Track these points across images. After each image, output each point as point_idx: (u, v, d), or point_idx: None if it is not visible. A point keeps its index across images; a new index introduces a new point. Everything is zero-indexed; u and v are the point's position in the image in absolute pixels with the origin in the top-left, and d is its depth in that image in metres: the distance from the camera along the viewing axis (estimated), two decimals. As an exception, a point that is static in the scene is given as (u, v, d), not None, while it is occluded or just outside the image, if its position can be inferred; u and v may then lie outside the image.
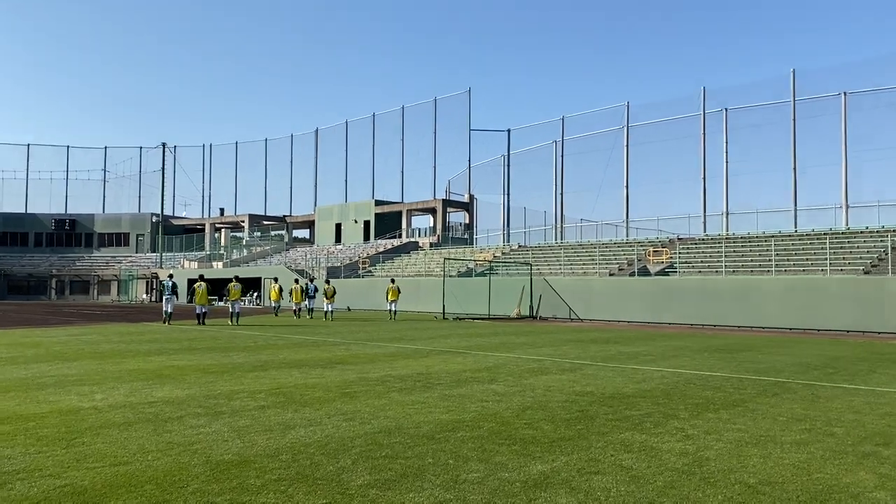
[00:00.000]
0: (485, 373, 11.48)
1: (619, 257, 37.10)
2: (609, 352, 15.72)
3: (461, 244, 54.35)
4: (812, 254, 30.13)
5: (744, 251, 33.13)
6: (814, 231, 33.97)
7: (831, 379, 11.09)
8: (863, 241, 30.50)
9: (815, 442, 6.41)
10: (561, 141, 53.15)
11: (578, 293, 33.02)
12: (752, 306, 27.04)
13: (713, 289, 28.58)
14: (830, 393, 9.52)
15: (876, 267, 27.19)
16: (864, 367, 12.85)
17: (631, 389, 9.73)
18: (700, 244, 36.45)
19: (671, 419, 7.52)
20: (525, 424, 7.17)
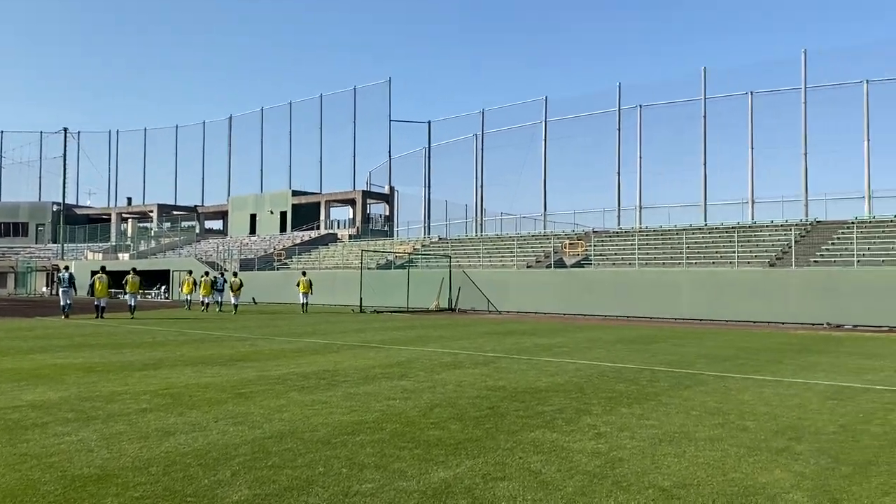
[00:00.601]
0: (396, 368, 10.96)
1: (537, 250, 37.27)
2: (524, 344, 15.48)
3: (381, 236, 53.65)
4: (721, 247, 30.98)
5: (656, 244, 33.80)
6: (722, 225, 35.01)
7: (741, 370, 11.11)
8: (768, 235, 31.59)
9: (729, 437, 6.18)
10: (481, 134, 53.15)
11: (497, 285, 32.93)
12: (664, 298, 27.53)
13: (627, 281, 28.97)
14: (741, 384, 9.47)
15: (780, 259, 28.15)
16: (771, 358, 13.02)
17: (544, 383, 9.41)
18: (614, 237, 37.01)
19: (584, 415, 7.20)
20: (431, 424, 6.69)
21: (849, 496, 4.51)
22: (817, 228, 31.50)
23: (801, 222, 32.77)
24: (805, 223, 32.54)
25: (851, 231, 28.46)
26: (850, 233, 28.32)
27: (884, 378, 10.23)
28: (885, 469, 5.16)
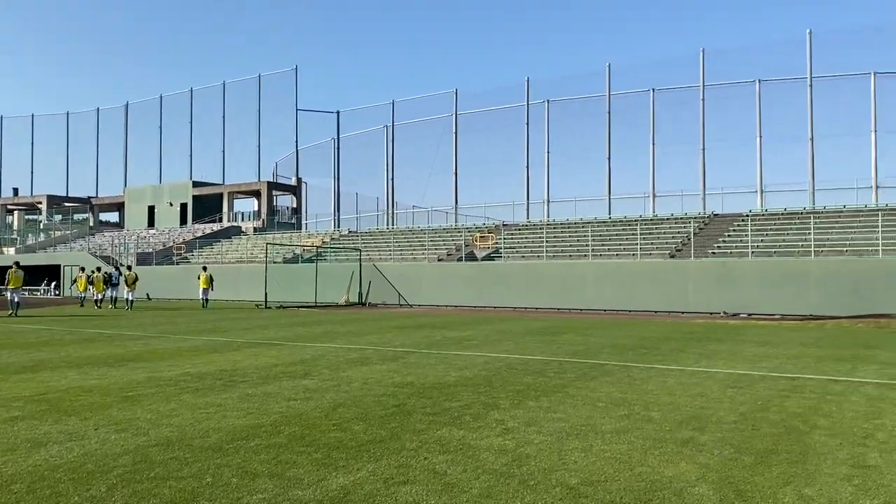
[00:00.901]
0: (299, 366, 10.52)
1: (448, 243, 37.26)
2: (434, 338, 15.30)
3: (288, 229, 52.40)
4: (625, 239, 31.83)
5: (564, 237, 34.41)
6: (626, 218, 36.00)
7: (645, 359, 11.28)
8: (668, 228, 32.69)
9: (634, 429, 6.15)
10: (392, 126, 52.66)
11: (408, 279, 32.69)
12: (571, 289, 28.03)
13: (536, 273, 29.33)
14: (645, 374, 9.57)
15: (680, 251, 29.17)
16: (674, 347, 13.33)
17: (453, 378, 9.22)
18: (524, 230, 37.46)
19: (492, 410, 7.03)
20: (333, 426, 6.35)
21: (752, 487, 4.50)
22: (714, 221, 32.85)
23: (699, 215, 34.09)
24: (703, 216, 33.87)
25: (746, 224, 29.80)
26: (745, 225, 29.66)
27: (777, 365, 10.60)
28: (785, 457, 5.21)
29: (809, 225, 27.19)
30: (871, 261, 23.50)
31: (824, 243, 26.29)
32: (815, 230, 26.75)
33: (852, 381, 8.94)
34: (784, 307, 23.77)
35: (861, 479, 4.68)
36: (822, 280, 23.63)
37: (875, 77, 35.74)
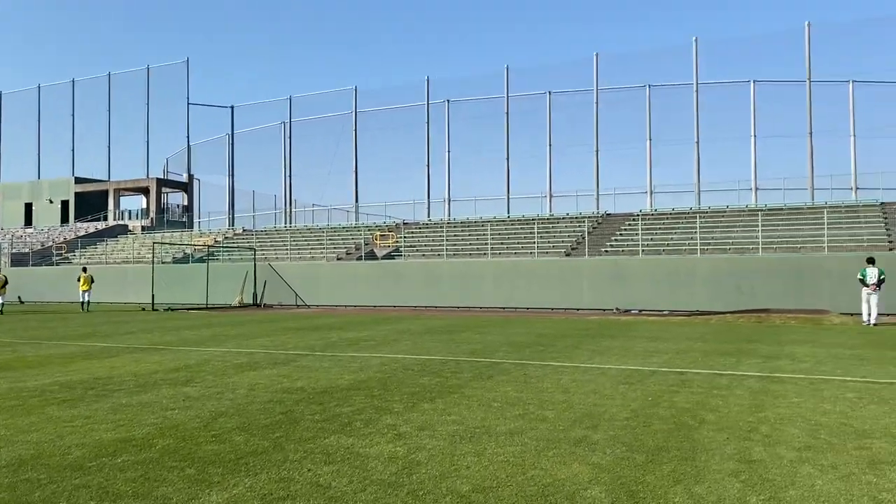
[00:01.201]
0: (182, 373, 9.88)
1: (348, 242, 36.68)
2: (330, 339, 14.86)
3: (179, 228, 50.19)
4: (522, 238, 32.28)
5: (463, 236, 34.55)
6: (524, 217, 36.54)
7: (541, 357, 11.31)
8: (564, 227, 33.42)
9: (528, 430, 6.03)
10: (289, 122, 51.37)
11: (305, 279, 31.91)
12: (470, 288, 28.13)
13: (435, 271, 29.28)
14: (541, 372, 9.56)
15: (575, 249, 29.85)
16: (569, 343, 13.48)
17: (346, 381, 8.88)
18: (424, 229, 37.36)
19: (385, 414, 6.76)
20: (212, 437, 5.90)
21: (644, 487, 4.44)
22: (607, 220, 33.85)
23: (593, 215, 35.04)
24: (597, 216, 34.84)
25: (636, 223, 30.84)
26: (636, 225, 30.69)
27: (667, 360, 10.86)
28: (675, 454, 5.21)
29: (695, 224, 28.42)
30: (752, 258, 24.78)
31: (709, 242, 27.55)
32: (701, 229, 27.98)
33: (736, 375, 9.23)
34: (672, 303, 24.71)
35: (748, 474, 4.72)
36: (707, 277, 24.72)
37: (754, 85, 37.82)
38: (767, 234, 26.64)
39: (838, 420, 6.36)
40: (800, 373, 9.42)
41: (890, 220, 26.41)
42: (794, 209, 30.48)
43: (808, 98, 35.61)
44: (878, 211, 28.28)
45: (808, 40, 35.32)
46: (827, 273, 23.09)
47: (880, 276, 18.98)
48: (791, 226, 27.98)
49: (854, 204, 30.36)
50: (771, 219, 28.53)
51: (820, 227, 26.14)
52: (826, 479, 4.57)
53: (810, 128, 35.37)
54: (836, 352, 11.94)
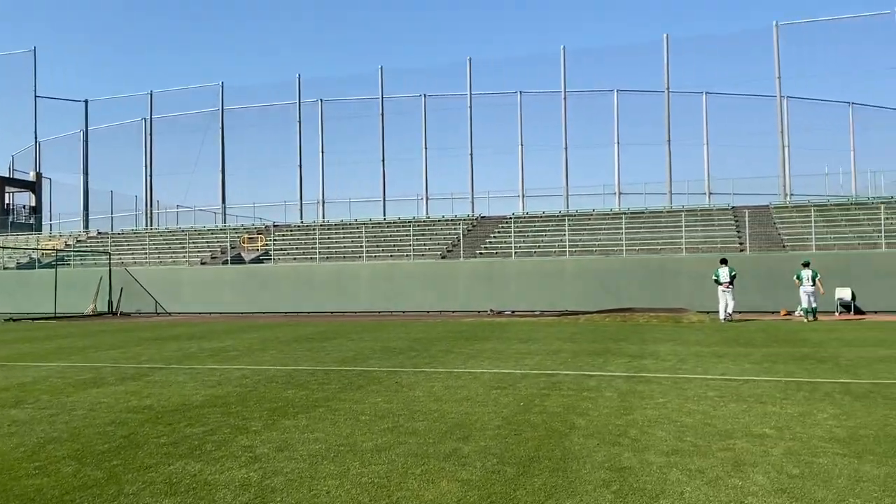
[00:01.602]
0: (12, 392, 8.78)
1: (213, 245, 34.99)
2: (189, 349, 13.88)
3: (25, 230, 46.16)
4: (399, 240, 32.00)
5: (338, 238, 33.84)
6: (400, 219, 36.29)
7: (414, 363, 11.01)
8: (440, 229, 33.45)
9: (397, 445, 5.68)
10: (150, 118, 48.48)
11: (166, 284, 30.09)
12: (345, 292, 27.52)
13: (308, 276, 28.43)
14: (413, 379, 9.24)
15: (451, 252, 29.92)
16: (443, 347, 13.26)
17: (202, 397, 8.18)
18: (295, 231, 36.29)
19: (241, 434, 6.19)
20: (36, 469, 5.14)
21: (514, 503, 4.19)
22: (482, 223, 34.22)
23: (468, 217, 35.32)
24: (472, 218, 35.14)
25: (509, 225, 31.34)
26: (509, 227, 31.17)
27: (538, 362, 10.85)
28: (547, 465, 5.02)
29: (564, 227, 29.21)
30: (616, 259, 25.74)
31: (577, 244, 28.40)
32: (570, 232, 28.80)
33: (605, 376, 9.31)
34: (544, 303, 25.24)
35: (619, 483, 4.58)
36: (575, 278, 25.43)
37: (617, 94, 39.51)
38: (630, 237, 27.79)
39: (702, 420, 6.44)
40: (664, 371, 9.64)
41: (740, 223, 28.27)
42: (654, 213, 32.03)
43: (667, 107, 37.60)
44: (730, 214, 30.24)
45: (667, 52, 37.30)
46: (685, 273, 24.36)
47: (731, 274, 20.35)
48: (652, 228, 29.36)
49: (708, 208, 32.31)
50: (633, 222, 29.82)
51: (678, 230, 27.56)
52: (694, 486, 4.51)
53: (668, 136, 37.37)
54: (696, 350, 12.42)
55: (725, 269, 20.62)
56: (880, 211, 25.90)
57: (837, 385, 8.30)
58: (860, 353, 11.59)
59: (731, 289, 20.35)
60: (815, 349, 12.24)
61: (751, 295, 23.16)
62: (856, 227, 26.69)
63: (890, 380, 8.65)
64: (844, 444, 5.45)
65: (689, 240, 26.68)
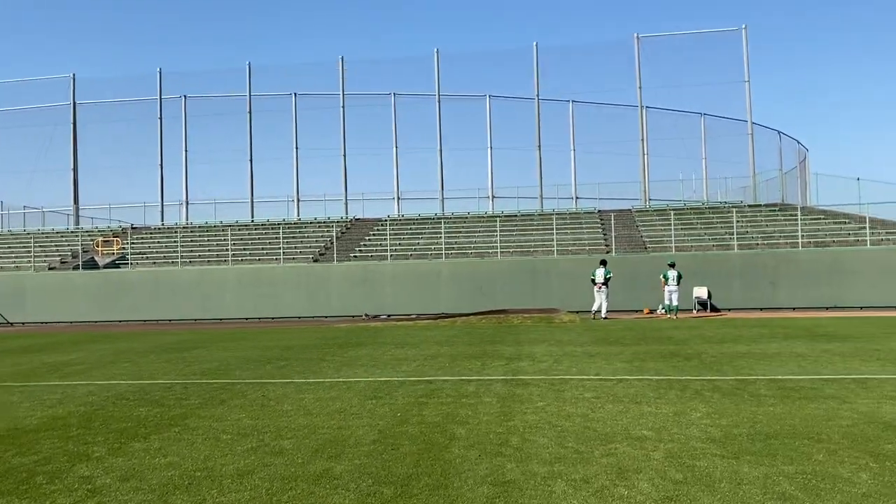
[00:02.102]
0: None
1: (63, 248, 32.25)
2: (30, 364, 12.48)
3: None
4: (268, 244, 30.80)
5: (202, 241, 32.13)
6: (269, 222, 34.98)
7: (283, 373, 10.36)
8: (312, 232, 32.53)
9: (261, 468, 5.13)
10: (-11, 111, 44.08)
11: (8, 292, 27.35)
12: (209, 298, 26.11)
13: (169, 281, 26.75)
14: (282, 391, 8.63)
15: (323, 255, 29.11)
16: (315, 355, 12.65)
17: (37, 419, 7.21)
18: (156, 234, 34.15)
19: (81, 462, 5.42)
20: None
21: (393, 533, 3.79)
22: (356, 225, 33.60)
23: (342, 219, 34.58)
24: (346, 220, 34.44)
25: (385, 228, 30.94)
26: (384, 229, 30.77)
27: (415, 368, 10.51)
28: (427, 482, 4.66)
29: (440, 230, 29.18)
30: (491, 262, 25.97)
31: (453, 246, 28.44)
32: (446, 234, 28.79)
33: (483, 380, 9.11)
34: (420, 306, 25.03)
35: (503, 499, 4.30)
36: (451, 280, 25.42)
37: (490, 99, 40.05)
38: (504, 239, 28.16)
39: (582, 424, 6.32)
40: (541, 373, 9.57)
41: (606, 226, 29.35)
42: (526, 216, 32.68)
43: (537, 114, 38.52)
44: (597, 218, 31.35)
45: (537, 60, 38.22)
46: (556, 274, 24.94)
47: (607, 276, 21.49)
48: (524, 231, 29.92)
49: (577, 212, 33.37)
50: (507, 225, 30.27)
51: (549, 233, 28.23)
52: (580, 497, 4.30)
53: (539, 141, 38.30)
54: (570, 349, 12.53)
55: (602, 269, 21.68)
56: (732, 215, 27.69)
57: (706, 382, 8.51)
58: (721, 349, 12.10)
59: (604, 289, 21.22)
60: (680, 346, 12.68)
61: (616, 294, 24.02)
62: (710, 229, 28.38)
63: (752, 376, 8.99)
64: (721, 445, 5.46)
65: (560, 242, 27.38)
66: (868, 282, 22.93)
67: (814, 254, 23.91)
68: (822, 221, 27.33)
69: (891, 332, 14.53)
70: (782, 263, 23.71)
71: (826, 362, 10.11)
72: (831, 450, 5.24)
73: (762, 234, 26.97)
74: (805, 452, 5.18)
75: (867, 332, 14.81)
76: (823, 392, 7.63)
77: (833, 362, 10.11)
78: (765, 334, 14.83)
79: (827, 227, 26.81)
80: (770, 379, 8.67)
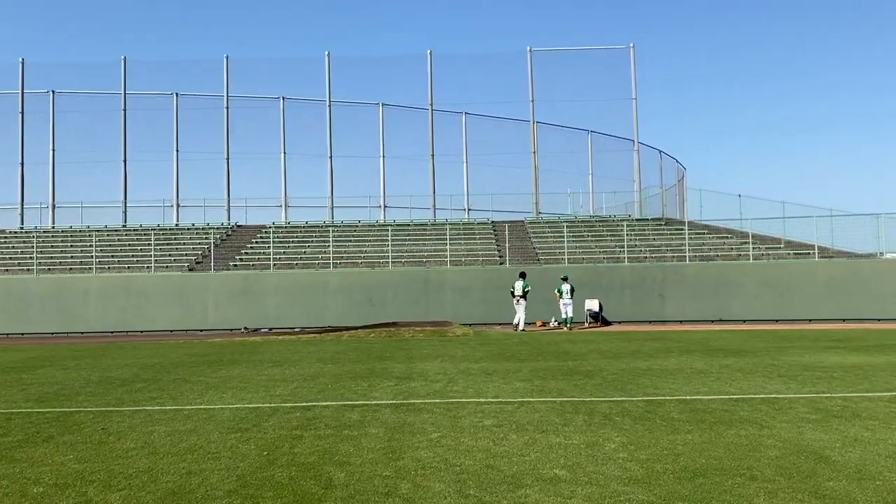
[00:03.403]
0: None
1: None
2: None
3: None
4: (139, 250, 28.39)
5: (64, 247, 29.25)
6: (141, 227, 32.40)
7: (135, 398, 8.88)
8: (188, 239, 30.33)
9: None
10: None
11: None
12: (68, 310, 23.60)
13: (22, 291, 23.99)
14: (127, 423, 7.22)
15: (200, 263, 27.08)
16: (178, 376, 11.14)
17: None
18: (11, 238, 30.83)
19: None
20: None
21: None
22: (238, 232, 31.63)
23: (222, 226, 32.50)
24: (226, 227, 32.38)
25: (268, 235, 29.22)
26: (268, 237, 29.05)
27: (293, 391, 9.30)
28: (289, 558, 3.56)
29: (328, 238, 27.81)
30: (382, 272, 24.90)
31: (342, 256, 27.15)
32: (334, 243, 27.46)
33: (370, 405, 8.05)
34: (305, 319, 23.60)
35: (389, 582, 3.27)
36: (339, 291, 24.14)
37: (382, 108, 39.06)
38: (396, 249, 27.17)
39: (484, 462, 5.39)
40: (434, 396, 8.62)
41: (499, 237, 28.95)
42: (419, 225, 31.84)
43: (430, 123, 37.86)
44: (490, 229, 30.93)
45: (431, 67, 37.60)
46: (449, 285, 24.19)
47: (525, 288, 21.48)
48: (417, 241, 29.05)
49: (470, 222, 32.86)
50: (399, 234, 29.30)
51: (442, 243, 27.50)
52: (490, 573, 3.34)
53: (432, 150, 37.62)
54: (465, 366, 11.67)
55: (521, 282, 21.57)
56: (622, 228, 27.95)
57: (613, 405, 7.82)
58: (620, 365, 11.59)
59: (523, 302, 21.26)
60: (579, 362, 12.09)
61: (510, 306, 23.57)
62: (600, 242, 28.54)
63: (658, 396, 8.40)
64: (646, 487, 4.67)
65: (454, 252, 26.67)
66: (751, 294, 23.55)
67: (700, 267, 24.35)
68: (706, 236, 28.04)
69: (782, 346, 14.61)
70: (670, 276, 24.00)
71: (729, 379, 9.72)
72: (770, 490, 4.56)
73: (650, 247, 27.34)
74: (742, 495, 4.46)
75: (759, 346, 14.84)
76: (738, 415, 7.08)
77: (736, 379, 9.74)
78: (660, 348, 14.57)
79: (711, 241, 27.51)
80: (679, 399, 8.09)
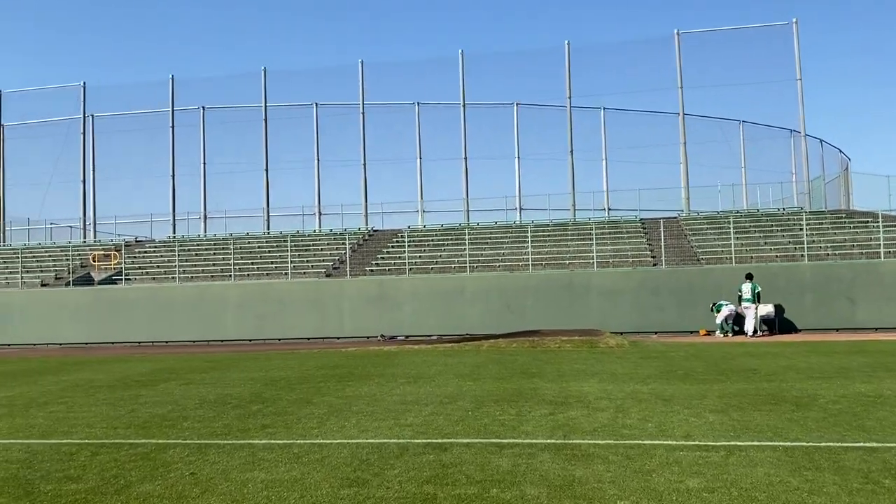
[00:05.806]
0: None
1: (61, 264, 29.99)
2: (-56, 406, 9.86)
3: None
4: (277, 258, 28.24)
5: (207, 255, 29.68)
6: (281, 234, 32.46)
7: (245, 426, 7.56)
8: (326, 245, 29.95)
9: None
10: None
11: (-6, 311, 25.09)
12: (207, 318, 23.56)
13: (167, 299, 24.26)
14: (224, 464, 5.83)
15: (337, 269, 26.46)
16: (300, 395, 9.84)
17: None
18: (160, 247, 31.78)
19: None
20: None
21: None
22: (374, 237, 30.94)
23: (358, 231, 31.96)
24: (362, 232, 31.80)
25: (404, 239, 28.21)
26: (403, 241, 28.05)
27: (426, 420, 7.66)
28: None
29: (464, 241, 26.37)
30: (521, 276, 23.10)
31: (479, 259, 25.61)
32: (470, 246, 25.96)
33: (522, 445, 6.25)
34: (441, 326, 22.22)
35: None
36: (476, 296, 22.60)
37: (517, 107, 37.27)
38: (536, 251, 25.27)
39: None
40: (604, 433, 6.69)
41: (651, 236, 26.31)
42: (559, 225, 29.75)
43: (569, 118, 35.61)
44: (639, 227, 28.29)
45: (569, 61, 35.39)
46: (595, 289, 22.01)
47: (756, 291, 19.53)
48: (558, 242, 26.99)
49: (617, 220, 30.33)
50: (538, 235, 27.38)
51: (586, 244, 25.31)
52: None
53: (571, 147, 35.37)
54: (632, 389, 9.59)
55: (749, 284, 19.71)
56: (802, 219, 24.50)
57: (864, 454, 5.54)
58: (836, 389, 9.07)
59: (753, 307, 19.51)
60: (776, 384, 9.69)
61: (667, 312, 21.02)
62: (770, 238, 25.20)
63: (925, 440, 6.00)
64: None
65: (600, 253, 24.37)
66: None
67: (898, 265, 20.63)
68: None
69: None
70: (861, 275, 20.47)
71: None
72: None
73: (831, 243, 23.70)
74: None
75: None
76: None
77: None
78: (873, 364, 11.78)
79: (903, 234, 23.47)
80: (964, 449, 5.68)
